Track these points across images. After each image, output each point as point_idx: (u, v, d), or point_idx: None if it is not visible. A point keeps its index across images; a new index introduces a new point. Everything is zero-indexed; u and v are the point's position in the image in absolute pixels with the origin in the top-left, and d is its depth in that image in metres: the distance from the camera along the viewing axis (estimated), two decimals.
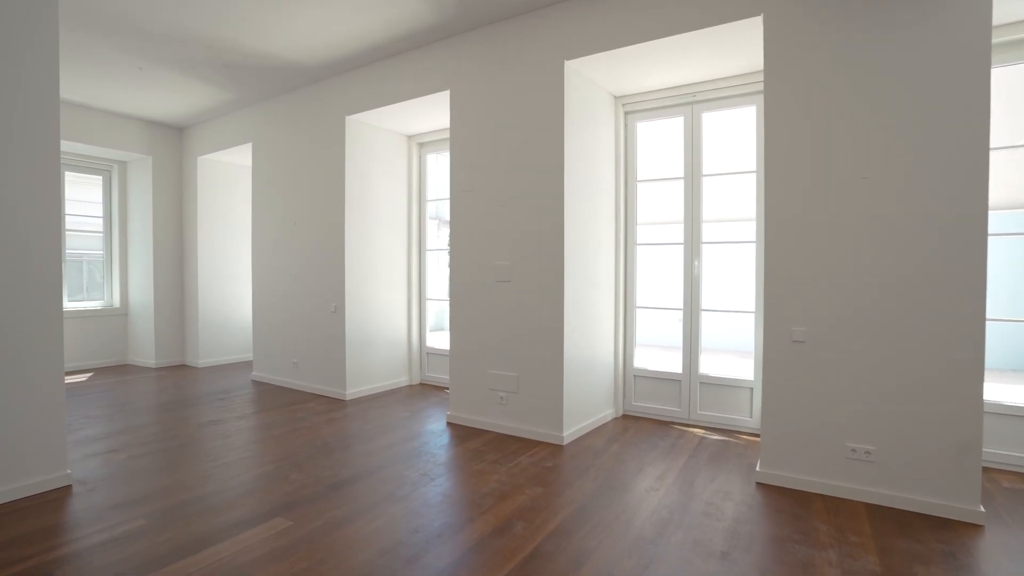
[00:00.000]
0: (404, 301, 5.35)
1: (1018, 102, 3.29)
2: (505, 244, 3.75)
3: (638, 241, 4.15)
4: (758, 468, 2.86)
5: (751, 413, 3.72)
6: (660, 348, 5.58)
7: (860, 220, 2.59)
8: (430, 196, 5.49)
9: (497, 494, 2.71)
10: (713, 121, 3.89)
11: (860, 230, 2.59)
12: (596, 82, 3.79)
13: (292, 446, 3.45)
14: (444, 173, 5.95)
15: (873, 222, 2.56)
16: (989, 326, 2.43)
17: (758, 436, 3.52)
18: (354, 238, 4.81)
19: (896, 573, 1.98)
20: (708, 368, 3.97)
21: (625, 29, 3.24)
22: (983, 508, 2.38)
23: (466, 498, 2.67)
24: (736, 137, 4.14)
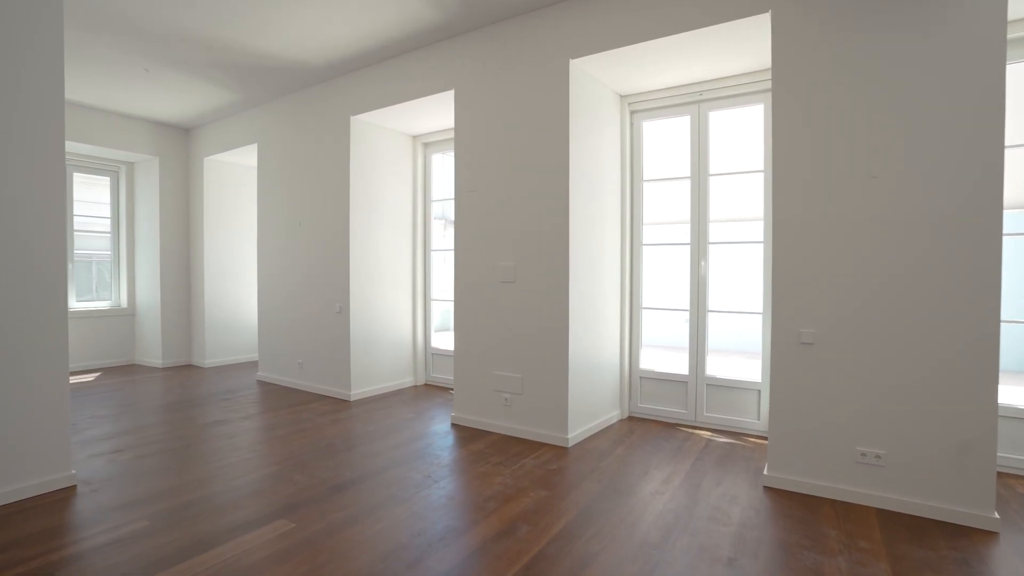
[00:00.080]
0: (409, 301, 5.34)
1: None
2: (510, 244, 3.72)
3: (644, 241, 4.11)
4: (766, 472, 2.82)
5: (758, 415, 3.68)
6: (666, 349, 5.54)
7: (870, 220, 2.54)
8: (435, 196, 5.47)
9: (501, 497, 2.68)
10: (720, 120, 3.84)
11: (870, 230, 2.54)
12: (601, 81, 3.76)
13: (296, 447, 3.45)
14: (449, 173, 5.92)
15: (884, 222, 2.51)
16: (1002, 328, 2.37)
17: (765, 439, 3.47)
18: (359, 238, 4.81)
19: None
20: (715, 370, 3.93)
21: (630, 27, 3.21)
22: (998, 514, 2.33)
23: (470, 501, 2.65)
24: (743, 136, 4.10)
